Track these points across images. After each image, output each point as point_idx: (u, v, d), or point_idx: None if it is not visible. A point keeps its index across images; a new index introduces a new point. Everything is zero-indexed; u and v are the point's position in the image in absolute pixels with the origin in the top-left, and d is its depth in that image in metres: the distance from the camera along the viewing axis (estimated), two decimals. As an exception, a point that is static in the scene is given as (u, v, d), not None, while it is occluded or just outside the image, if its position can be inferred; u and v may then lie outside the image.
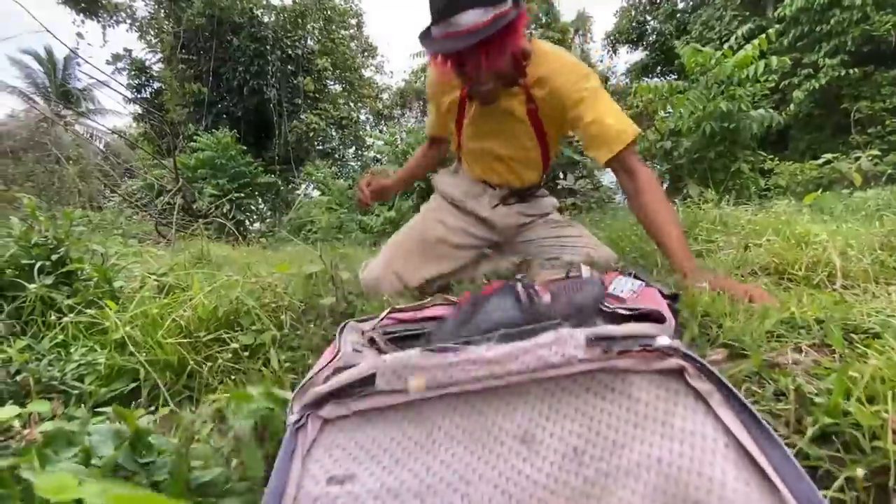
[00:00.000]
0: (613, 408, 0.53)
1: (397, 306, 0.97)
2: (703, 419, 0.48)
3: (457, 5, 0.96)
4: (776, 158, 5.11)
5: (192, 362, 0.85)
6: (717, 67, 3.51)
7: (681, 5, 12.04)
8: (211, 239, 6.54)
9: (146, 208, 7.26)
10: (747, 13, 8.54)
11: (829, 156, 4.34)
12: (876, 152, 4.46)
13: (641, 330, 0.78)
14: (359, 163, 13.68)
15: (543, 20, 16.38)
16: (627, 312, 0.86)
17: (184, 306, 0.93)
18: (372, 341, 0.91)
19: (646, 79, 12.41)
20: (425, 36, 1.06)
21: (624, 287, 0.88)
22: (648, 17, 12.82)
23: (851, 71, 5.93)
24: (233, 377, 0.88)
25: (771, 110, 3.64)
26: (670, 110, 4.28)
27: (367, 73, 15.55)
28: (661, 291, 0.82)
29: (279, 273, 1.12)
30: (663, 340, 0.74)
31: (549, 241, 1.38)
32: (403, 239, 1.38)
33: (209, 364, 0.87)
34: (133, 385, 0.83)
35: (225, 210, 7.67)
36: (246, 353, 0.91)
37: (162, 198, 6.84)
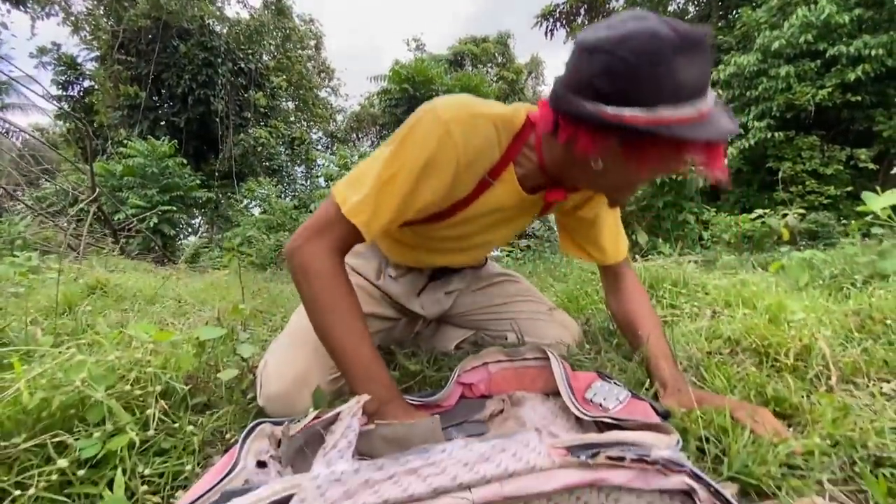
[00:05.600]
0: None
1: (324, 411, 0.72)
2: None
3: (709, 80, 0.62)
4: (712, 210, 5.42)
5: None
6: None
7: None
8: (131, 256, 5.89)
9: (56, 217, 6.48)
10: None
11: (760, 211, 4.60)
12: (801, 210, 4.84)
13: (634, 438, 0.59)
14: (308, 182, 13.21)
15: (499, 59, 17.05)
16: (613, 422, 0.68)
17: (-6, 397, 0.64)
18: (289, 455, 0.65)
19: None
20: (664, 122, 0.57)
21: (607, 395, 0.70)
22: (597, 68, 13.61)
23: (776, 134, 6.48)
24: (57, 509, 0.59)
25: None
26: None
27: (322, 94, 15.28)
28: (653, 407, 0.65)
29: (160, 341, 0.85)
30: (664, 452, 0.56)
31: (489, 310, 1.13)
32: (306, 326, 0.82)
33: (21, 493, 0.58)
34: None
35: (151, 224, 6.98)
36: (83, 470, 0.63)
37: (76, 206, 6.12)
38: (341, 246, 0.75)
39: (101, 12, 10.66)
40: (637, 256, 1.98)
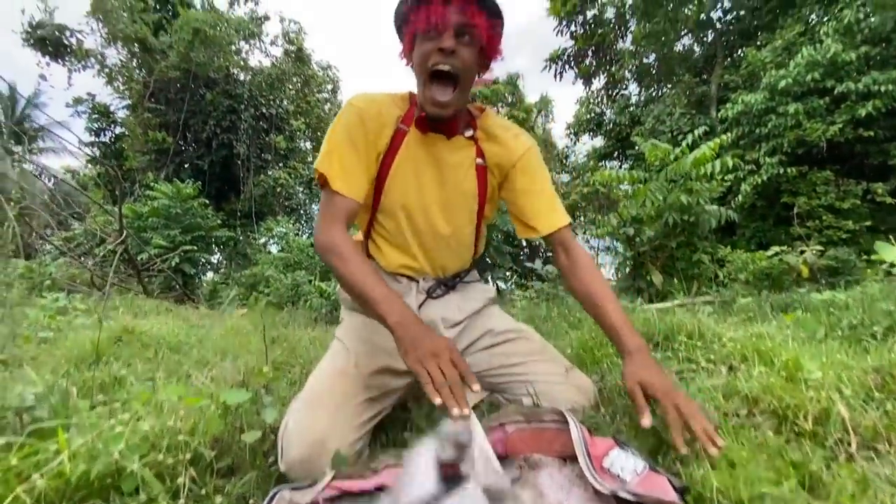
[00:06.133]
0: None
1: (341, 472, 0.75)
2: None
3: None
4: (728, 246, 5.37)
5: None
6: (676, 163, 3.69)
7: (633, 99, 13.21)
8: (152, 295, 6.03)
9: (84, 257, 6.72)
10: (693, 112, 9.42)
11: (776, 248, 4.55)
12: (819, 246, 4.77)
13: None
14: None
15: (510, 99, 17.57)
16: (631, 498, 0.68)
17: (41, 469, 0.68)
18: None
19: (605, 163, 13.26)
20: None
21: (625, 465, 0.71)
22: (605, 109, 13.94)
23: (789, 170, 6.49)
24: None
25: (722, 209, 3.83)
26: (630, 196, 4.44)
27: (339, 135, 15.83)
28: (671, 482, 0.66)
29: (189, 405, 0.89)
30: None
31: (504, 370, 1.13)
32: (326, 385, 0.96)
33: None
34: None
35: (173, 263, 7.18)
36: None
37: (102, 246, 6.34)
38: (336, 217, 0.97)
39: (135, 65, 11.40)
40: (652, 298, 1.99)
